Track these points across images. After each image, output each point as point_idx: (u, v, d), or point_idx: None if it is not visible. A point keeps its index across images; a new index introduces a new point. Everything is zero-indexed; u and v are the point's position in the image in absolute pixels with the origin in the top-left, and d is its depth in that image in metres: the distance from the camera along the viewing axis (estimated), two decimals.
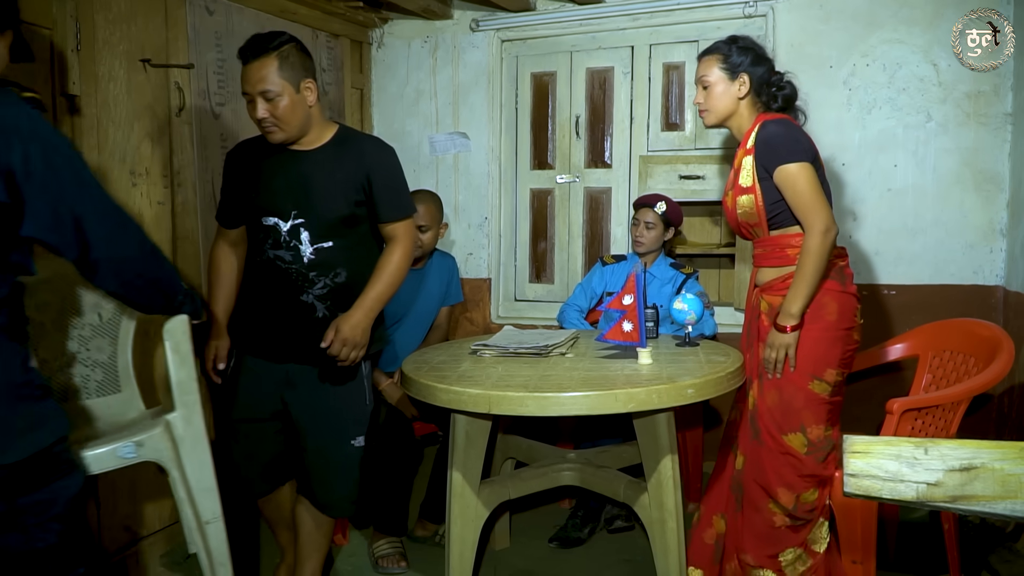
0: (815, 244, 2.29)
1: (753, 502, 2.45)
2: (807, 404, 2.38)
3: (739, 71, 2.46)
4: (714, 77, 2.48)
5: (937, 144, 3.46)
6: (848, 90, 3.56)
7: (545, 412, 2.13)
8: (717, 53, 2.49)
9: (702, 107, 2.54)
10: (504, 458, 3.04)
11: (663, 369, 2.36)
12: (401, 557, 2.94)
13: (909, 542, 3.00)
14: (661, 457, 2.39)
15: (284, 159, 2.37)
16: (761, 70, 2.47)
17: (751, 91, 2.48)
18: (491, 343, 2.69)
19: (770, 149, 2.37)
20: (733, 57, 2.46)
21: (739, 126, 2.52)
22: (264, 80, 2.23)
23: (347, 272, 2.39)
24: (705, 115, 2.54)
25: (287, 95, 2.26)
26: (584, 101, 4.10)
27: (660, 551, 2.42)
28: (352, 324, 2.31)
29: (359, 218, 2.41)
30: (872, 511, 2.38)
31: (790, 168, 2.33)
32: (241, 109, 3.34)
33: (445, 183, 4.27)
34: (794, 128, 2.42)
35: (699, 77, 2.52)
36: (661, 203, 3.33)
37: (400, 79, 4.32)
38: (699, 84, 2.53)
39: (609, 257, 3.57)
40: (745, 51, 2.47)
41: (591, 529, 3.21)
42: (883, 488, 1.07)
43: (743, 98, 2.48)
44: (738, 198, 2.47)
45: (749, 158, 2.43)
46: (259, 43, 2.26)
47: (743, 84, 2.46)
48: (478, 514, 2.48)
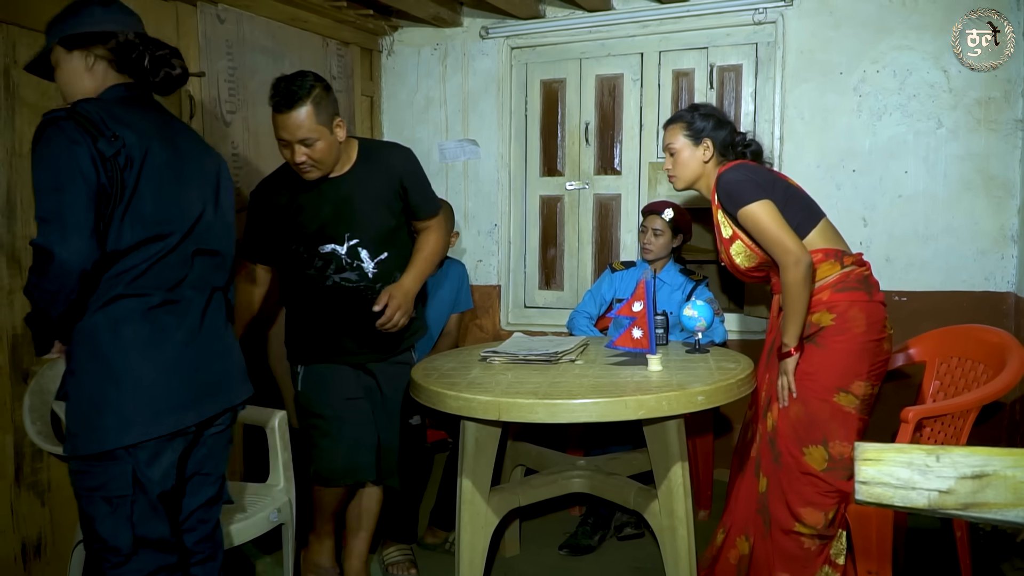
0: (791, 278, 2.35)
1: (780, 525, 2.44)
2: (833, 416, 2.38)
3: (702, 136, 2.56)
4: (679, 144, 2.59)
5: (948, 150, 3.45)
6: (858, 96, 3.55)
7: (555, 419, 2.13)
8: (680, 122, 2.60)
9: (670, 173, 2.63)
10: (514, 465, 3.03)
11: (673, 376, 2.36)
12: (411, 564, 2.94)
13: (919, 550, 2.98)
14: (671, 464, 2.38)
15: (324, 188, 2.52)
16: (723, 133, 2.57)
17: (715, 153, 2.57)
18: (501, 350, 2.69)
19: (728, 196, 2.46)
20: (696, 123, 2.57)
21: (707, 185, 2.61)
22: (302, 128, 2.38)
23: (401, 272, 2.62)
24: (674, 180, 2.64)
25: (323, 138, 2.40)
26: (593, 108, 4.10)
27: (670, 559, 2.41)
28: (404, 290, 2.55)
29: (401, 223, 2.65)
30: (888, 521, 2.36)
31: (749, 209, 2.41)
32: (251, 117, 3.37)
33: (455, 190, 4.28)
34: (747, 169, 2.49)
35: (665, 145, 2.63)
36: (669, 210, 3.33)
37: (410, 86, 4.34)
38: (666, 151, 2.63)
39: (618, 264, 3.57)
40: (707, 117, 2.58)
41: (601, 536, 3.20)
42: (895, 496, 1.07)
43: (708, 161, 2.57)
44: (730, 249, 2.56)
45: (720, 212, 2.54)
46: (290, 92, 2.35)
47: (707, 148, 2.56)
48: (488, 521, 2.48)
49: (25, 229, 2.50)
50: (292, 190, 2.54)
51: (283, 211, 2.54)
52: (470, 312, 3.79)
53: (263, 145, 3.47)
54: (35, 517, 2.55)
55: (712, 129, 2.55)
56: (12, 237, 2.46)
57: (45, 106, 2.53)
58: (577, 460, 2.88)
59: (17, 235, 2.48)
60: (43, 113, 1.70)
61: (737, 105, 3.84)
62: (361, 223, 2.53)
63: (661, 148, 2.66)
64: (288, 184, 2.55)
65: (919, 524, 3.16)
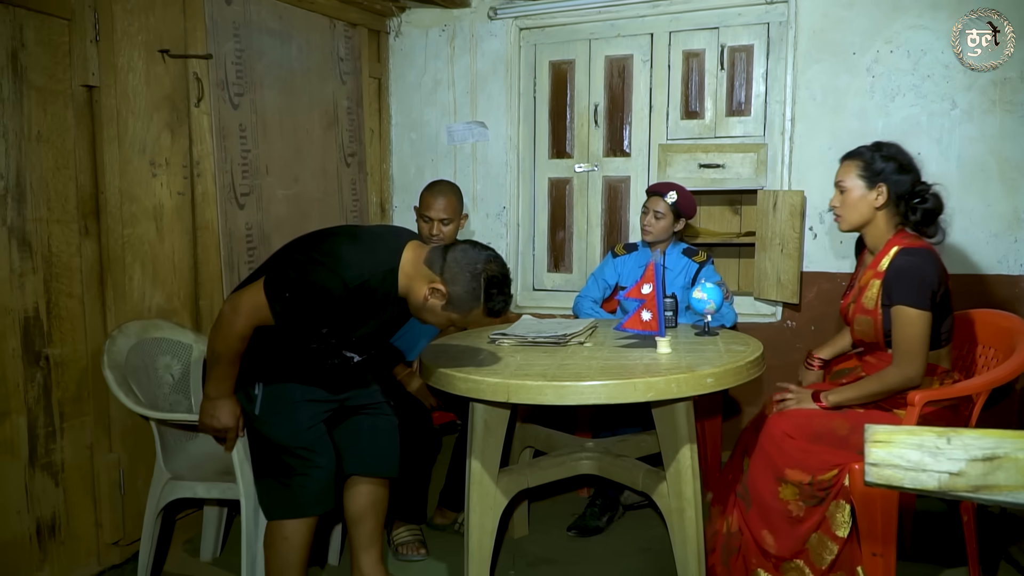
0: (893, 379, 2.36)
1: (761, 498, 2.45)
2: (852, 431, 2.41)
3: (878, 180, 2.43)
4: (850, 183, 2.47)
5: (962, 132, 3.41)
6: (871, 77, 3.52)
7: (564, 401, 2.13)
8: (858, 159, 2.46)
9: (837, 211, 2.52)
10: (522, 447, 3.04)
11: (682, 358, 2.35)
12: (420, 545, 2.96)
13: (926, 532, 2.98)
14: (680, 446, 2.38)
15: (394, 308, 2.30)
16: (904, 180, 2.43)
17: (889, 202, 2.44)
18: (510, 332, 2.69)
19: (898, 283, 2.36)
20: (875, 164, 2.43)
21: (873, 237, 2.50)
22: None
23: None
24: (839, 220, 2.53)
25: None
26: (603, 89, 4.08)
27: (679, 540, 2.41)
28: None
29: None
30: (893, 503, 2.36)
31: (909, 312, 2.34)
32: (259, 100, 3.37)
33: (463, 172, 4.27)
34: (929, 266, 2.36)
35: (837, 181, 2.50)
36: (672, 193, 3.28)
37: (418, 68, 4.32)
38: (837, 187, 2.51)
39: (620, 248, 3.53)
40: (889, 160, 2.43)
41: (609, 518, 3.21)
42: (905, 478, 1.07)
43: (880, 208, 2.45)
44: (858, 315, 2.51)
45: (877, 282, 2.43)
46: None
47: (880, 194, 2.43)
48: (497, 502, 2.49)
49: (36, 212, 2.51)
50: (377, 304, 2.25)
51: (355, 315, 2.23)
52: None
53: (271, 127, 3.47)
54: (49, 497, 2.57)
55: (892, 173, 2.41)
56: (22, 220, 2.47)
57: (53, 89, 2.54)
58: (586, 442, 2.88)
59: (27, 218, 2.48)
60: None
61: (748, 86, 3.81)
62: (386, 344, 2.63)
63: (834, 182, 2.52)
64: (377, 297, 2.22)
65: (926, 507, 3.16)
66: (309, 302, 2.13)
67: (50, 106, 2.55)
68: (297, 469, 2.32)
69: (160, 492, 2.56)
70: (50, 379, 2.57)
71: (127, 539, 2.81)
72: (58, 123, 2.58)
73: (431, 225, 3.16)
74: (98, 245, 2.72)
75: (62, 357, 2.60)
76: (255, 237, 3.40)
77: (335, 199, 3.93)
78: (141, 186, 2.85)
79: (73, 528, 2.66)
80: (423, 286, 2.17)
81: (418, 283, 2.18)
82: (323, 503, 2.37)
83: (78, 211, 2.66)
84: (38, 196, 2.52)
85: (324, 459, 2.37)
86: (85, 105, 2.66)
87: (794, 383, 2.65)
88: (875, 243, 2.50)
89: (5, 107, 2.41)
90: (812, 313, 3.71)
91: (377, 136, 4.30)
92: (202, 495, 2.55)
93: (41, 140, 2.53)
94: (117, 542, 2.79)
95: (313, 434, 2.36)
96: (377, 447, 2.56)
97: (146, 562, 2.58)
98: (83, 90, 2.65)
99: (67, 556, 2.64)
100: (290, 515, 2.33)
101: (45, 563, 2.57)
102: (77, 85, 2.62)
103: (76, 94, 2.63)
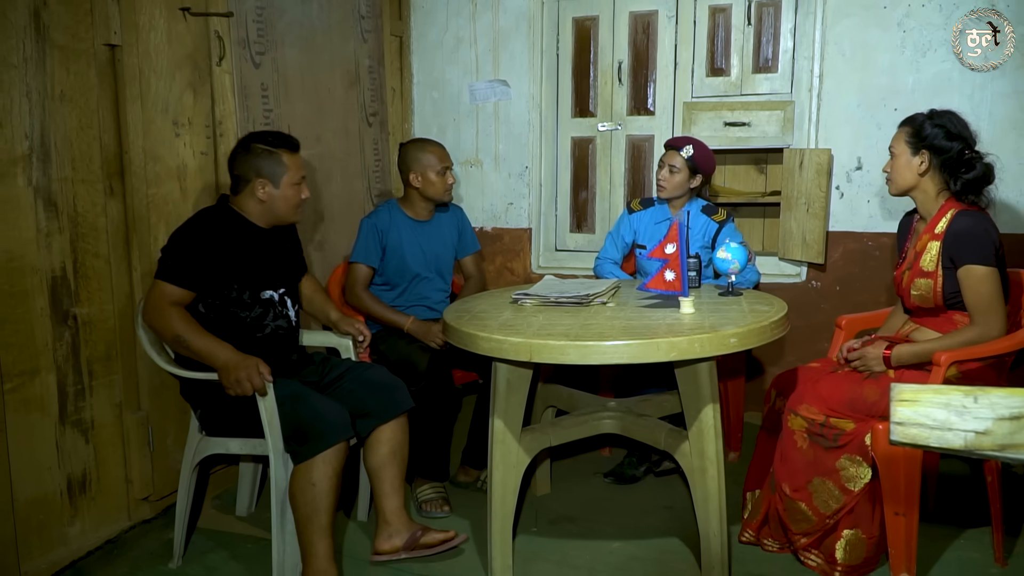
0: (976, 335, 2.37)
1: (781, 426, 2.51)
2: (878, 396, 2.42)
3: (922, 147, 2.46)
4: (899, 149, 2.52)
5: (994, 88, 3.34)
6: (902, 32, 3.44)
7: (586, 360, 2.13)
8: (910, 125, 2.51)
9: (888, 176, 2.57)
10: (545, 406, 3.06)
11: (705, 318, 2.34)
12: (444, 502, 2.99)
13: (949, 494, 2.97)
14: (703, 406, 2.38)
15: (259, 237, 2.68)
16: (951, 147, 2.44)
17: (932, 168, 2.47)
18: (532, 292, 2.69)
19: (962, 244, 2.38)
20: (923, 131, 2.46)
21: (923, 202, 2.54)
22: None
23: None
24: (889, 184, 2.58)
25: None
26: (627, 46, 4.02)
27: (700, 498, 2.42)
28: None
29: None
30: (916, 463, 2.35)
31: (978, 270, 2.36)
32: (280, 58, 3.35)
33: (485, 132, 4.25)
34: (987, 225, 2.41)
35: (890, 146, 2.56)
36: (689, 147, 3.18)
37: (439, 26, 4.27)
38: (890, 151, 2.56)
39: (636, 203, 3.45)
40: (938, 127, 2.45)
41: (646, 468, 3.28)
42: (930, 437, 1.06)
43: (923, 174, 2.48)
44: (916, 280, 2.50)
45: (936, 244, 2.45)
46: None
47: (923, 161, 2.46)
48: (519, 460, 2.51)
49: (60, 171, 2.52)
50: (238, 234, 2.58)
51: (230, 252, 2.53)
52: (501, 255, 3.79)
53: (292, 87, 3.45)
54: (80, 454, 2.62)
55: (939, 139, 2.43)
56: (48, 180, 2.49)
57: (76, 48, 2.54)
58: (608, 402, 2.89)
59: (53, 178, 2.50)
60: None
61: (775, 42, 3.74)
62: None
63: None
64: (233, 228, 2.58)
65: (950, 470, 3.15)
66: (175, 247, 2.46)
67: (73, 65, 2.55)
68: (303, 415, 2.42)
69: (195, 449, 2.61)
70: (78, 338, 2.60)
71: (156, 495, 2.87)
72: (81, 82, 2.58)
73: (446, 176, 3.28)
74: (123, 205, 2.74)
75: (90, 316, 2.64)
76: None
77: (357, 159, 3.92)
78: (164, 146, 2.85)
79: (103, 484, 2.72)
80: (254, 198, 2.57)
81: (253, 201, 2.58)
82: (343, 430, 2.43)
83: (103, 171, 2.67)
84: (63, 156, 2.53)
85: (321, 399, 2.48)
86: (108, 64, 2.66)
87: (819, 344, 2.65)
88: (926, 209, 2.53)
89: (28, 66, 2.42)
90: (837, 273, 3.68)
91: (399, 95, 4.27)
92: (235, 451, 2.59)
93: (64, 100, 2.53)
94: (147, 497, 2.84)
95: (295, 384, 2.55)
96: (379, 393, 2.65)
97: (183, 517, 2.63)
98: (105, 49, 2.64)
99: (98, 511, 2.70)
100: (315, 450, 2.37)
101: (76, 518, 2.63)
102: (99, 44, 2.62)
103: (98, 53, 2.62)
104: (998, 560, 2.52)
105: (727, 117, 3.79)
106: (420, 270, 3.31)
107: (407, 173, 3.25)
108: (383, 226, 3.25)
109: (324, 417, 2.41)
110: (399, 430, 2.68)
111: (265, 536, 2.74)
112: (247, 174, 2.56)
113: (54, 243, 2.52)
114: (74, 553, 2.61)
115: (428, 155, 3.22)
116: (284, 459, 2.45)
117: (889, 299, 3.53)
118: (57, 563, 2.54)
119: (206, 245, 2.46)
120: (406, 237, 3.27)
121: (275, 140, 2.59)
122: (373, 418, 2.64)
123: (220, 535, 2.85)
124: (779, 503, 2.49)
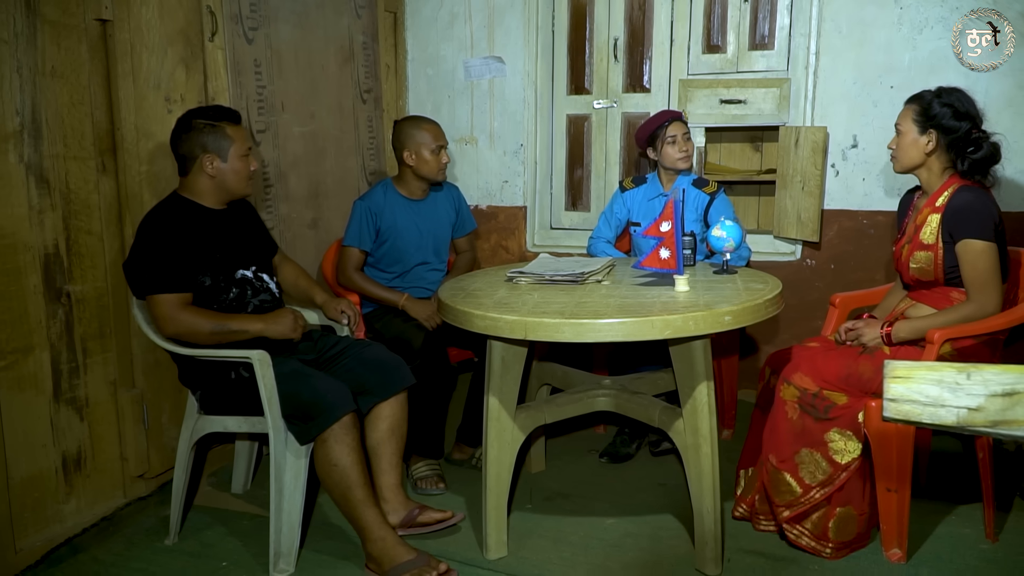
0: (971, 312, 2.38)
1: (772, 398, 2.52)
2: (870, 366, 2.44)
3: (930, 126, 2.45)
4: (905, 127, 2.50)
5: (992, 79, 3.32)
6: (899, 8, 3.42)
7: (581, 338, 2.13)
8: (917, 103, 2.49)
9: (893, 153, 2.56)
10: (540, 384, 3.07)
11: (700, 296, 2.34)
12: (439, 479, 3.01)
13: (941, 471, 2.99)
14: (697, 384, 2.39)
15: (222, 219, 2.68)
16: (960, 127, 2.43)
17: (940, 147, 2.46)
18: (527, 270, 2.69)
19: (961, 219, 2.39)
20: (931, 110, 2.45)
21: (927, 180, 2.54)
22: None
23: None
24: (894, 161, 2.57)
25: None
26: (623, 23, 3.99)
27: (694, 476, 2.44)
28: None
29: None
30: (908, 439, 2.36)
31: (976, 244, 2.36)
32: (274, 35, 3.32)
33: (480, 109, 4.22)
34: (987, 201, 2.41)
35: (896, 123, 2.54)
36: (684, 112, 3.25)
37: (434, 2, 4.23)
38: (895, 128, 2.55)
39: (628, 181, 3.44)
40: (946, 106, 2.43)
41: (638, 444, 3.30)
42: (923, 413, 1.07)
43: (930, 153, 2.48)
44: (915, 252, 2.50)
45: (936, 217, 2.45)
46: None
47: (930, 140, 2.46)
48: (514, 438, 2.52)
49: (52, 148, 2.50)
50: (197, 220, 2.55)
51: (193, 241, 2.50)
52: (496, 234, 3.77)
53: (286, 63, 3.42)
54: (74, 431, 2.63)
55: (947, 118, 2.42)
56: (39, 157, 2.47)
57: (66, 23, 2.52)
58: (602, 379, 2.90)
59: (44, 154, 2.48)
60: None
61: (772, 18, 3.72)
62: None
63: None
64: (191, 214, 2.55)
65: (942, 446, 3.17)
66: (147, 257, 2.42)
67: (64, 40, 2.53)
68: (304, 393, 2.43)
69: (193, 427, 2.61)
70: (72, 315, 2.60)
71: (151, 472, 2.87)
72: (72, 58, 2.56)
73: (440, 155, 3.26)
74: (115, 182, 2.72)
75: (83, 294, 2.63)
76: (271, 175, 3.39)
77: (351, 136, 3.90)
78: (157, 122, 2.83)
79: (98, 461, 2.72)
80: (204, 175, 2.53)
81: (204, 179, 2.54)
82: (345, 404, 2.43)
83: (95, 147, 2.65)
84: (54, 132, 2.51)
85: (321, 377, 2.49)
86: (99, 39, 2.63)
87: (813, 322, 2.65)
88: (929, 185, 2.54)
89: (19, 41, 2.39)
90: (832, 251, 3.68)
91: (393, 72, 4.24)
92: (232, 429, 2.59)
93: (56, 75, 2.51)
94: (142, 475, 2.85)
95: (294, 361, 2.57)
96: (379, 370, 2.65)
97: (179, 495, 2.64)
98: (97, 24, 2.61)
99: (93, 488, 2.71)
100: (320, 427, 2.39)
101: (71, 495, 2.63)
102: (91, 19, 2.59)
103: (90, 28, 2.60)
104: (989, 536, 2.54)
105: (723, 95, 3.78)
106: (416, 250, 3.30)
107: (401, 151, 3.23)
108: (377, 208, 3.24)
109: (325, 395, 2.41)
110: (399, 407, 2.69)
111: (261, 513, 2.76)
112: (193, 151, 2.50)
113: (46, 220, 2.50)
114: (70, 530, 2.61)
115: (423, 133, 3.20)
116: (285, 436, 2.45)
117: (884, 277, 3.53)
118: (53, 540, 2.55)
119: (170, 244, 2.42)
120: (401, 217, 3.26)
121: (216, 114, 2.54)
122: (373, 395, 2.64)
123: (216, 512, 2.86)
124: (764, 475, 2.50)
